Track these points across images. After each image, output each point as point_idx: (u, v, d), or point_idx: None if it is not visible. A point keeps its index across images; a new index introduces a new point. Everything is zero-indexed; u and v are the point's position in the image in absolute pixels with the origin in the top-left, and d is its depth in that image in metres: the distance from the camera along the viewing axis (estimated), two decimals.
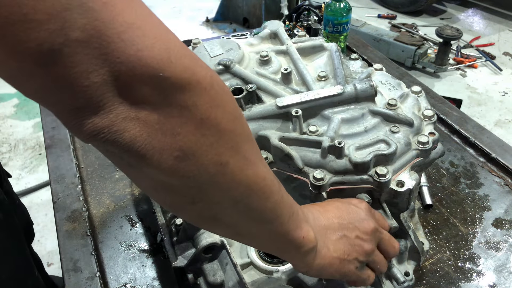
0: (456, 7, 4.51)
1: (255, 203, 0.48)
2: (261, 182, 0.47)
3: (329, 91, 0.79)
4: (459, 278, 0.88)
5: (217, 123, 0.40)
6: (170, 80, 0.36)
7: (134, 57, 0.34)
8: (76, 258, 0.92)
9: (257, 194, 0.47)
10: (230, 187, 0.44)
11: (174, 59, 0.36)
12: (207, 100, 0.39)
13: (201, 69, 0.39)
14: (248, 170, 0.45)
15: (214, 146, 0.41)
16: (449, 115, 1.28)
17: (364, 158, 0.71)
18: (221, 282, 0.73)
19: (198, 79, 0.38)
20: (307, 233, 0.55)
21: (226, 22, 4.07)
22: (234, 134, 0.42)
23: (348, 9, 1.36)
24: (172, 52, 0.36)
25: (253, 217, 0.50)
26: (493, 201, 1.04)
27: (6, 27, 0.29)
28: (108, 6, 0.32)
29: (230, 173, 0.43)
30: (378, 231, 0.65)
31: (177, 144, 0.38)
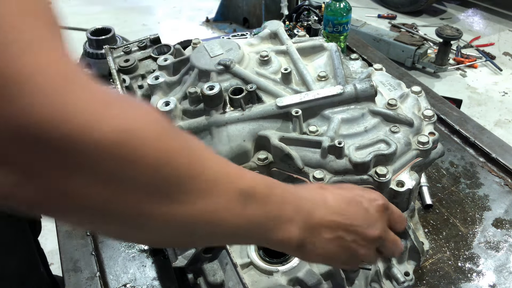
0: (456, 7, 4.51)
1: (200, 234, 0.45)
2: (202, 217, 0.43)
3: (329, 91, 0.79)
4: (459, 278, 0.88)
5: (131, 180, 0.36)
6: (60, 143, 0.31)
7: (13, 121, 0.29)
8: (76, 258, 0.92)
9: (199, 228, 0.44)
10: (161, 229, 0.42)
11: (66, 118, 0.31)
12: (111, 159, 0.34)
13: (106, 125, 0.33)
14: (180, 211, 0.41)
15: (131, 200, 0.38)
16: (449, 115, 1.28)
17: (364, 158, 0.71)
18: (221, 282, 0.73)
19: (97, 139, 0.32)
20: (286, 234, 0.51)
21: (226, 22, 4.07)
22: (152, 184, 0.38)
23: (348, 9, 1.36)
24: (62, 111, 0.31)
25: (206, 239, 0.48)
26: (493, 201, 1.04)
27: None
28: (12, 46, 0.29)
29: (156, 219, 0.40)
30: (382, 238, 0.58)
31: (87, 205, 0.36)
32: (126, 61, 1.08)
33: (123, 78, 1.04)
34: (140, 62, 1.10)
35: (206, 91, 0.80)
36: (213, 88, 0.80)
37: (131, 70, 1.07)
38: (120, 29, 3.84)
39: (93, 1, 4.36)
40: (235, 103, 0.81)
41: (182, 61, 0.95)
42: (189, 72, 0.90)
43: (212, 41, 0.96)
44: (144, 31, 3.86)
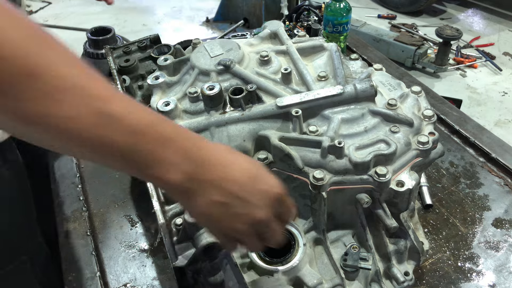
0: (456, 7, 4.51)
1: (44, 134, 0.47)
2: (40, 119, 0.45)
3: (329, 91, 0.79)
4: (459, 278, 0.88)
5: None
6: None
7: None
8: (76, 258, 0.92)
9: (40, 129, 0.46)
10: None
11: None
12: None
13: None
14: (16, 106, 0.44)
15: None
16: (449, 115, 1.28)
17: (364, 158, 0.71)
18: (221, 282, 0.73)
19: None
20: (164, 174, 0.51)
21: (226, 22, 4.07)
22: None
23: (348, 9, 1.36)
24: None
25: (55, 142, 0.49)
26: (493, 201, 1.04)
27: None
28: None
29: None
30: (264, 224, 0.57)
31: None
32: (126, 61, 1.08)
33: (123, 78, 1.04)
34: (140, 62, 1.10)
35: (206, 91, 0.80)
36: (213, 88, 0.80)
37: (131, 70, 1.07)
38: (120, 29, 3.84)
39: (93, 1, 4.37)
40: (235, 103, 0.81)
41: (182, 61, 0.95)
42: (189, 72, 0.90)
43: (212, 41, 0.96)
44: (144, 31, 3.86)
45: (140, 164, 0.50)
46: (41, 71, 0.43)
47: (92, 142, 0.47)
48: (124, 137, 0.48)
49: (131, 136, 0.49)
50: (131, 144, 0.49)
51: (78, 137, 0.46)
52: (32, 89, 0.43)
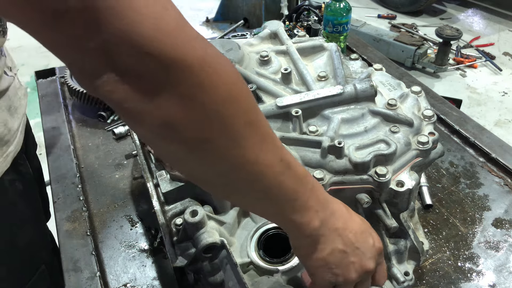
0: (456, 7, 4.51)
1: (241, 181, 0.50)
2: (248, 165, 0.48)
3: (329, 91, 0.79)
4: (459, 278, 0.88)
5: (202, 103, 0.42)
6: (156, 57, 0.38)
7: (121, 31, 0.37)
8: (76, 258, 0.92)
9: (242, 175, 0.49)
10: (211, 162, 0.47)
11: (163, 37, 0.39)
12: (193, 80, 0.41)
13: (192, 50, 0.41)
14: (234, 151, 0.46)
15: (196, 123, 0.43)
16: (449, 115, 1.28)
17: (364, 158, 0.71)
18: (221, 282, 0.73)
19: (185, 59, 0.40)
20: (308, 220, 0.55)
21: (226, 22, 4.07)
22: (223, 115, 0.44)
23: (348, 9, 1.36)
24: (162, 30, 0.39)
25: (240, 191, 0.52)
26: (493, 201, 1.04)
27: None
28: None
29: (212, 150, 0.45)
30: (369, 275, 0.63)
31: (160, 114, 0.41)
32: None
33: None
34: None
35: None
36: None
37: None
38: None
39: None
40: None
41: None
42: None
43: (212, 41, 0.96)
44: None
45: (291, 209, 0.54)
46: (259, 120, 0.49)
47: (271, 187, 0.51)
48: (293, 185, 0.53)
49: (296, 183, 0.53)
50: (293, 191, 0.53)
51: (267, 183, 0.50)
52: (252, 137, 0.48)
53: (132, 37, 0.37)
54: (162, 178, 0.80)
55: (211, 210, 0.78)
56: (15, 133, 0.90)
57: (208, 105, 0.43)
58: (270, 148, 0.50)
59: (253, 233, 0.78)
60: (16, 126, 0.90)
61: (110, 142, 1.24)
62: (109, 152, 1.20)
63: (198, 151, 0.45)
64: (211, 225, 0.73)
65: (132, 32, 0.37)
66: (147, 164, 0.86)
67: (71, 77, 1.32)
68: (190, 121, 0.42)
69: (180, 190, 0.78)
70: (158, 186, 0.80)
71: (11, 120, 0.89)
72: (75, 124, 1.31)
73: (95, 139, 1.25)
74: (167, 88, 0.40)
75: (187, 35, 0.41)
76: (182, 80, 0.40)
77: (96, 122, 1.30)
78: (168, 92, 0.40)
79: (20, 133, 0.93)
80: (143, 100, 0.40)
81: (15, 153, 0.89)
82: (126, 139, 1.24)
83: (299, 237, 0.57)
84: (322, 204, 0.57)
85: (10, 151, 0.88)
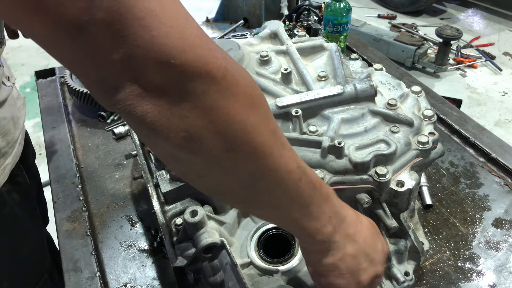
0: (456, 7, 4.51)
1: (262, 189, 0.49)
2: (271, 173, 0.48)
3: (329, 91, 0.79)
4: (459, 278, 0.88)
5: (226, 113, 0.42)
6: (181, 67, 0.38)
7: (149, 43, 0.36)
8: (76, 258, 0.92)
9: (264, 183, 0.48)
10: (235, 172, 0.46)
11: (188, 48, 0.38)
12: (217, 90, 0.41)
13: (215, 59, 0.41)
14: (257, 161, 0.46)
15: (221, 133, 0.42)
16: (449, 115, 1.28)
17: (364, 158, 0.71)
18: (221, 282, 0.73)
19: (209, 69, 0.40)
20: (322, 226, 0.55)
21: (226, 22, 4.07)
22: (244, 125, 0.44)
23: (348, 9, 1.36)
24: (187, 41, 0.38)
25: (261, 200, 0.51)
26: (493, 201, 1.04)
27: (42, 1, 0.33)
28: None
29: (236, 160, 0.45)
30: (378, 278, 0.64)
31: (184, 125, 0.41)
32: None
33: None
34: None
35: None
36: None
37: None
38: None
39: None
40: None
41: None
42: None
43: None
44: None
45: (306, 214, 0.54)
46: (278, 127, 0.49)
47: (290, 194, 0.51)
48: (309, 191, 0.53)
49: (312, 189, 0.53)
50: (309, 197, 0.53)
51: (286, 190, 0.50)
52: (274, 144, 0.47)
53: (159, 49, 0.37)
54: (162, 178, 0.79)
55: (211, 210, 0.78)
56: (14, 144, 0.89)
57: (232, 114, 0.42)
58: (289, 154, 0.50)
59: (253, 233, 0.78)
60: (16, 137, 0.90)
61: (110, 142, 1.24)
62: (109, 152, 1.20)
63: (222, 162, 0.45)
64: (211, 225, 0.73)
65: (159, 44, 0.37)
66: (147, 164, 0.86)
67: (71, 77, 1.32)
68: (214, 131, 0.42)
69: (180, 190, 0.78)
70: (158, 186, 0.80)
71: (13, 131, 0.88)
72: (75, 124, 1.31)
73: (95, 139, 1.25)
74: (192, 99, 0.40)
75: (208, 45, 0.41)
76: (206, 91, 0.40)
77: (96, 122, 1.30)
78: (192, 103, 0.40)
79: (19, 144, 0.92)
80: (166, 113, 0.40)
81: (13, 165, 0.89)
82: (126, 139, 1.24)
83: (311, 242, 0.57)
84: (335, 210, 0.57)
85: (8, 164, 0.87)
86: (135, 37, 0.36)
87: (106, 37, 0.35)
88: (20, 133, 0.93)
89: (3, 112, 0.86)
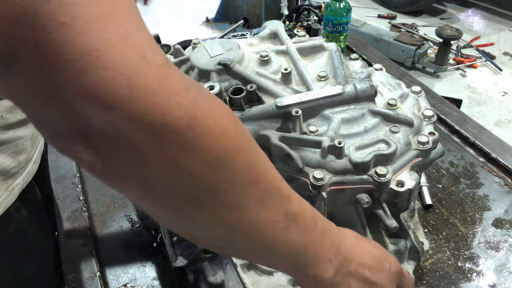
0: (456, 7, 4.51)
1: (241, 243, 0.45)
2: (247, 227, 0.43)
3: (329, 91, 0.79)
4: (459, 278, 0.88)
5: (189, 168, 0.36)
6: (128, 119, 0.32)
7: (87, 90, 0.31)
8: (76, 258, 0.92)
9: (241, 237, 0.44)
10: (204, 227, 0.42)
11: (138, 97, 0.32)
12: (177, 144, 0.35)
13: (177, 107, 0.34)
14: (228, 215, 0.41)
15: (183, 187, 0.38)
16: (449, 115, 1.28)
17: (364, 158, 0.71)
18: (221, 282, 0.73)
19: (166, 121, 0.33)
20: (321, 272, 0.51)
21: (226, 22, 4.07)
22: (213, 179, 0.38)
23: (348, 9, 1.36)
24: (136, 90, 0.32)
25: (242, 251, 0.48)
26: (493, 201, 1.04)
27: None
28: (65, 27, 0.29)
29: (202, 213, 0.40)
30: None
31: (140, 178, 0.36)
32: None
33: None
34: None
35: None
36: (213, 88, 0.80)
37: None
38: None
39: None
40: (235, 103, 0.81)
41: (182, 61, 0.95)
42: (189, 72, 0.90)
43: (212, 41, 0.96)
44: None
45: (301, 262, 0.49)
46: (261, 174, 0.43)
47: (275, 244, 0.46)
48: (301, 238, 0.47)
49: (305, 235, 0.48)
50: (302, 245, 0.48)
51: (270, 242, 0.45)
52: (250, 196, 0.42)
53: (100, 97, 0.31)
54: None
55: None
56: (27, 164, 0.85)
57: (196, 169, 0.37)
58: (273, 203, 0.44)
59: None
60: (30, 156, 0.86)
61: None
62: None
63: (188, 216, 0.40)
64: None
65: (100, 91, 0.31)
66: None
67: None
68: (176, 186, 0.37)
69: None
70: None
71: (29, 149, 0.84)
72: None
73: None
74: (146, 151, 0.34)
75: (170, 88, 0.34)
76: (164, 145, 0.34)
77: None
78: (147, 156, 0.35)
79: (33, 162, 0.87)
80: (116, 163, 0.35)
81: (24, 185, 0.84)
82: None
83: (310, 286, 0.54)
84: (335, 249, 0.52)
85: (17, 184, 0.82)
86: (70, 83, 0.30)
87: (35, 80, 0.30)
88: (36, 151, 0.89)
89: (25, 131, 0.82)
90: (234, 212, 0.41)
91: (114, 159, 0.35)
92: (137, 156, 0.35)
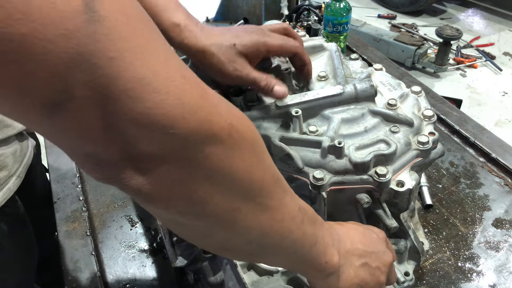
0: (456, 7, 4.51)
1: (270, 243, 0.48)
2: (276, 225, 0.46)
3: (329, 91, 0.79)
4: (459, 278, 0.88)
5: (231, 172, 0.39)
6: (183, 136, 0.34)
7: (142, 115, 0.32)
8: (76, 258, 0.92)
9: (271, 236, 0.47)
10: (241, 232, 0.44)
11: (189, 114, 0.34)
12: (222, 151, 0.38)
13: (219, 118, 0.37)
14: (262, 216, 0.44)
15: (225, 194, 0.40)
16: (449, 115, 1.28)
17: (364, 158, 0.71)
18: (221, 282, 0.73)
19: (214, 132, 0.36)
20: (330, 258, 0.54)
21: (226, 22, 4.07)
22: (249, 181, 0.41)
23: (348, 9, 1.36)
24: (186, 107, 0.34)
25: (269, 252, 0.50)
26: (493, 201, 1.04)
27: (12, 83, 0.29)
28: (115, 61, 0.30)
29: (241, 219, 0.43)
30: (392, 264, 0.65)
31: (186, 192, 0.38)
32: None
33: None
34: None
35: None
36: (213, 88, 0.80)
37: None
38: None
39: None
40: (235, 104, 0.81)
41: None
42: None
43: None
44: None
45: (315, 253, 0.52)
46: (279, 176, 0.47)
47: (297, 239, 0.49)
48: (311, 229, 0.51)
49: (313, 226, 0.52)
50: (313, 236, 0.51)
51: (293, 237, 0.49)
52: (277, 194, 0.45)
53: (154, 120, 0.33)
54: None
55: None
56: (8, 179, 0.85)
57: (235, 174, 0.39)
58: (290, 199, 0.48)
59: None
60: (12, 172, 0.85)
61: None
62: None
63: (227, 222, 0.42)
64: None
65: (155, 115, 0.32)
66: None
67: None
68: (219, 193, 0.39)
69: None
70: None
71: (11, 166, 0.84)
72: None
73: None
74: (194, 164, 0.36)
75: (211, 101, 0.37)
76: (210, 155, 0.37)
77: None
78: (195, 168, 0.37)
79: (16, 177, 0.87)
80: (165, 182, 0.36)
81: (4, 201, 0.84)
82: None
83: (321, 276, 0.56)
84: (332, 235, 0.56)
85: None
86: (125, 111, 0.32)
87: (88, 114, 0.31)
88: (21, 166, 0.88)
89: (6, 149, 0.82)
90: (267, 211, 0.44)
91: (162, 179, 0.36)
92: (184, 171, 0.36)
